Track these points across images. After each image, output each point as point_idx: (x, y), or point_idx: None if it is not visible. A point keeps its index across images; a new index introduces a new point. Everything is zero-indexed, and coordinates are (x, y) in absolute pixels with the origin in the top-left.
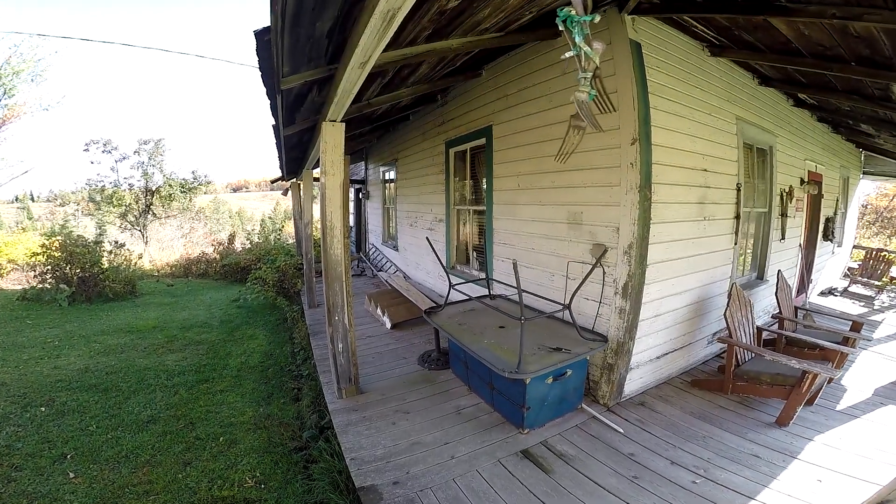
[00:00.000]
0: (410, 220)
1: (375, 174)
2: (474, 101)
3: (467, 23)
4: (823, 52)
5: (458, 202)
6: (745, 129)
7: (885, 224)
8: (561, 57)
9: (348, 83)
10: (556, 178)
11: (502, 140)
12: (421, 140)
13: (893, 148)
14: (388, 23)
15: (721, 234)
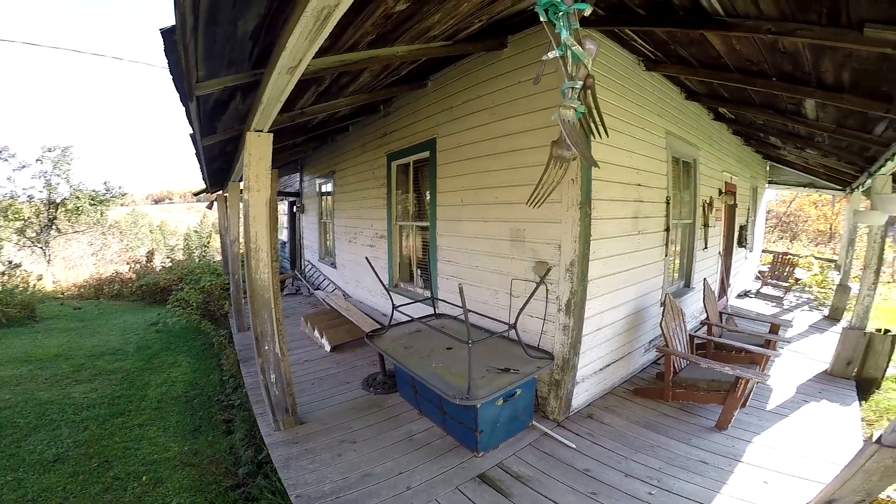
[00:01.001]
0: (349, 235)
1: (311, 186)
2: (418, 113)
3: (415, 29)
4: (749, 67)
5: (401, 217)
6: (673, 143)
7: (784, 228)
8: (542, 57)
9: (275, 90)
10: (499, 193)
11: (446, 154)
12: (361, 152)
13: (796, 159)
14: (322, 23)
15: (653, 246)
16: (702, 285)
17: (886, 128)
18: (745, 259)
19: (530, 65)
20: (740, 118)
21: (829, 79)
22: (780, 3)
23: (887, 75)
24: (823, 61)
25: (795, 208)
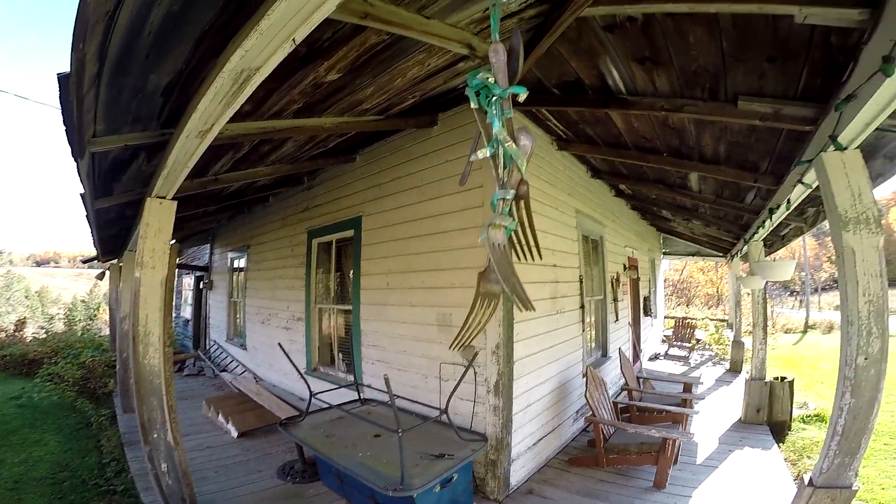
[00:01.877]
0: (262, 316)
1: (223, 261)
2: (345, 189)
3: (346, 101)
4: (645, 144)
5: (321, 300)
6: (583, 221)
7: (679, 294)
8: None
9: (183, 154)
10: (426, 277)
11: (372, 233)
12: (280, 226)
13: (684, 230)
14: (241, 87)
15: (571, 323)
16: (617, 354)
17: (755, 196)
18: (651, 326)
19: (460, 142)
20: (637, 194)
21: (708, 152)
22: (672, 80)
23: (754, 146)
24: (704, 136)
25: (686, 276)
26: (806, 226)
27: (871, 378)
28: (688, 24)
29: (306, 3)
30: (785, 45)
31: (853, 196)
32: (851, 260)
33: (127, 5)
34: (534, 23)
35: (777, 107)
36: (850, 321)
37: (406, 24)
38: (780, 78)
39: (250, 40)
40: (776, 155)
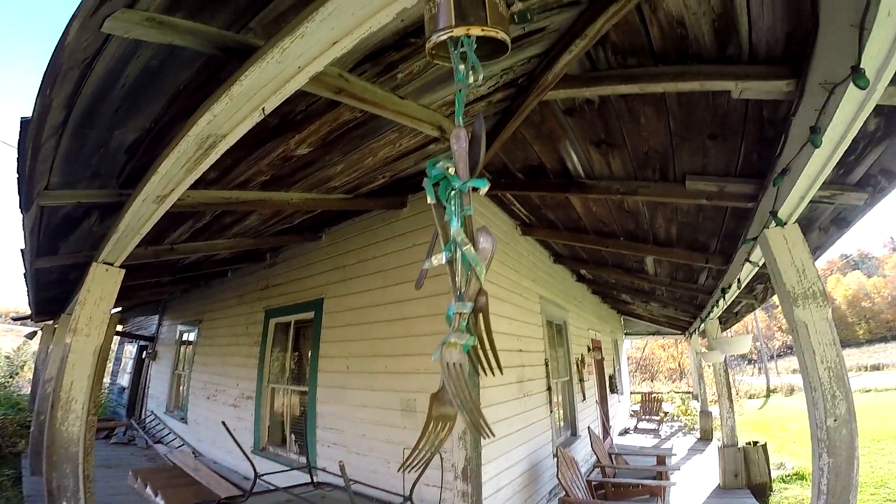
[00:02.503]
0: (209, 391)
1: (171, 333)
2: (308, 268)
3: (315, 177)
4: (603, 228)
5: (275, 380)
6: (546, 307)
7: (643, 371)
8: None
9: (136, 219)
10: (389, 362)
11: (334, 316)
12: (237, 303)
13: (643, 311)
14: (205, 152)
15: (539, 405)
16: (587, 433)
17: (707, 277)
18: (618, 402)
19: (429, 226)
20: (597, 278)
21: (661, 234)
22: (626, 162)
23: (703, 226)
24: (657, 218)
25: (649, 353)
26: (757, 302)
27: (844, 437)
28: (639, 104)
29: (280, 72)
30: (724, 122)
31: (798, 272)
32: (805, 332)
33: (106, 55)
34: (501, 106)
35: (721, 184)
36: (812, 387)
37: (380, 102)
38: (721, 155)
39: (220, 105)
40: (723, 233)
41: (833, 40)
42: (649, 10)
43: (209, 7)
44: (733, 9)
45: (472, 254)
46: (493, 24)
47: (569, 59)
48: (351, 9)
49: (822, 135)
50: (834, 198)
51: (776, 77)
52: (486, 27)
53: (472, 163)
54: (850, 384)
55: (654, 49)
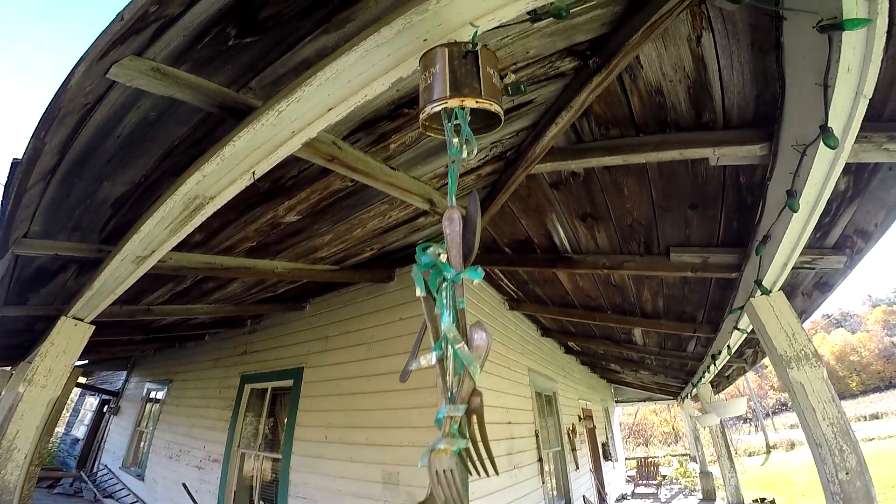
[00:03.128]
0: (172, 451)
1: (138, 390)
2: (289, 337)
3: (302, 246)
4: (590, 302)
5: (246, 444)
6: (535, 379)
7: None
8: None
9: (112, 279)
10: (370, 434)
11: (314, 386)
12: (212, 367)
13: (633, 379)
14: (191, 213)
15: (530, 477)
16: (582, 501)
17: (696, 345)
18: (613, 468)
19: (416, 301)
20: (586, 350)
21: (648, 307)
22: (612, 235)
23: (689, 297)
24: (644, 291)
25: (641, 418)
26: (747, 365)
27: (859, 489)
28: (622, 176)
29: (273, 135)
30: (703, 191)
31: (788, 337)
32: (803, 392)
33: (108, 102)
34: (490, 179)
35: (704, 256)
36: (818, 443)
37: (371, 173)
38: (703, 225)
39: (211, 165)
40: (710, 304)
41: (800, 101)
42: (629, 80)
43: (215, 62)
44: (706, 74)
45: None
46: (487, 97)
47: (555, 132)
48: (348, 75)
49: (799, 198)
50: (815, 262)
51: (750, 141)
52: (480, 99)
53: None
54: (855, 437)
55: (634, 119)
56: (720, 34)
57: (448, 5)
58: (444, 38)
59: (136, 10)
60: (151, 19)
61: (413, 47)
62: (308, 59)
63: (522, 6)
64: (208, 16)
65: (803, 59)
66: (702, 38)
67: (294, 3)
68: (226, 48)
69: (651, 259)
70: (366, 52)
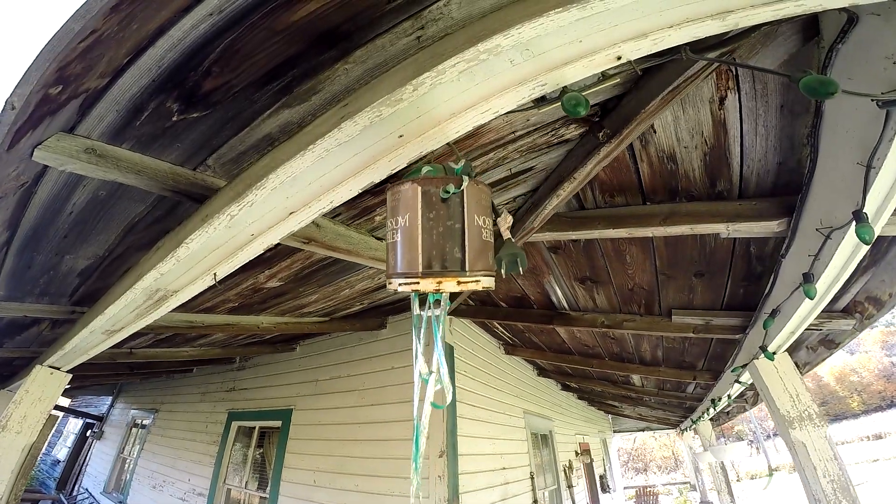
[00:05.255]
0: (156, 481)
1: (123, 416)
2: (279, 377)
3: (287, 305)
4: (587, 350)
5: (232, 481)
6: (531, 420)
7: (636, 461)
8: None
9: (85, 343)
10: (360, 482)
11: (303, 429)
12: (199, 400)
13: (632, 413)
14: (156, 303)
15: None
16: None
17: (695, 387)
18: (611, 500)
19: (409, 350)
20: (583, 388)
21: (647, 357)
22: (611, 297)
23: (689, 350)
24: (643, 344)
25: (640, 444)
26: (748, 405)
27: None
28: (625, 244)
29: (230, 238)
30: (711, 260)
31: (792, 398)
32: (804, 451)
33: (48, 181)
34: None
35: (707, 318)
36: (817, 499)
37: (354, 250)
38: (708, 293)
39: (166, 264)
40: (710, 355)
41: (833, 177)
42: (640, 146)
43: (160, 140)
44: (726, 139)
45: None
46: (473, 270)
47: (556, 203)
48: (307, 178)
49: (816, 282)
50: (822, 325)
51: (767, 217)
52: (463, 278)
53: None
54: (856, 493)
55: (643, 186)
56: (747, 95)
57: (428, 94)
58: (425, 133)
59: (27, 97)
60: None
61: (386, 144)
62: (270, 134)
63: (526, 93)
64: (140, 88)
65: (846, 133)
66: (726, 99)
67: (243, 74)
68: (171, 124)
69: (652, 320)
70: (325, 153)
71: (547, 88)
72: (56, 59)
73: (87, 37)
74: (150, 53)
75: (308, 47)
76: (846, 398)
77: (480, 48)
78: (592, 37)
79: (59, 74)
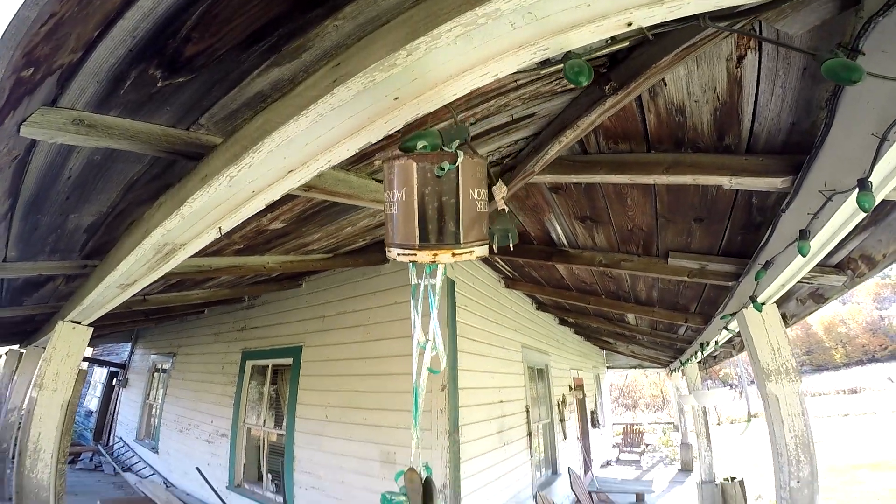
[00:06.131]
0: (182, 425)
1: (143, 362)
2: (287, 315)
3: (291, 244)
4: (585, 287)
5: (251, 420)
6: (528, 354)
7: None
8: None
9: (101, 298)
10: (368, 415)
11: (313, 365)
12: (213, 341)
13: (625, 350)
14: (165, 256)
15: (519, 451)
16: (567, 472)
17: (686, 330)
18: (600, 435)
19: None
20: (580, 323)
21: (643, 297)
22: (610, 237)
23: (683, 292)
24: (639, 283)
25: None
26: (735, 351)
27: (805, 497)
28: (626, 188)
29: (232, 195)
30: (712, 208)
31: (773, 350)
32: (776, 405)
33: (41, 151)
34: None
35: (703, 263)
36: (779, 453)
37: (355, 193)
38: (706, 238)
39: (171, 222)
40: (703, 299)
41: (844, 145)
42: (648, 98)
43: (148, 105)
44: (740, 97)
45: None
46: (467, 242)
47: (558, 149)
48: (304, 139)
49: (811, 239)
50: (814, 279)
51: (772, 173)
52: (458, 250)
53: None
54: (814, 448)
55: (648, 135)
56: (768, 56)
57: (423, 59)
58: (421, 95)
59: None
60: (39, 76)
61: (382, 107)
62: (262, 92)
63: (527, 58)
64: (118, 59)
65: (867, 104)
66: (745, 58)
67: (225, 38)
68: (156, 90)
69: (649, 261)
70: (319, 117)
71: (550, 53)
72: (19, 46)
73: (48, 20)
74: (122, 25)
75: (292, 7)
76: (830, 349)
77: (479, 12)
78: (602, 1)
79: (27, 59)
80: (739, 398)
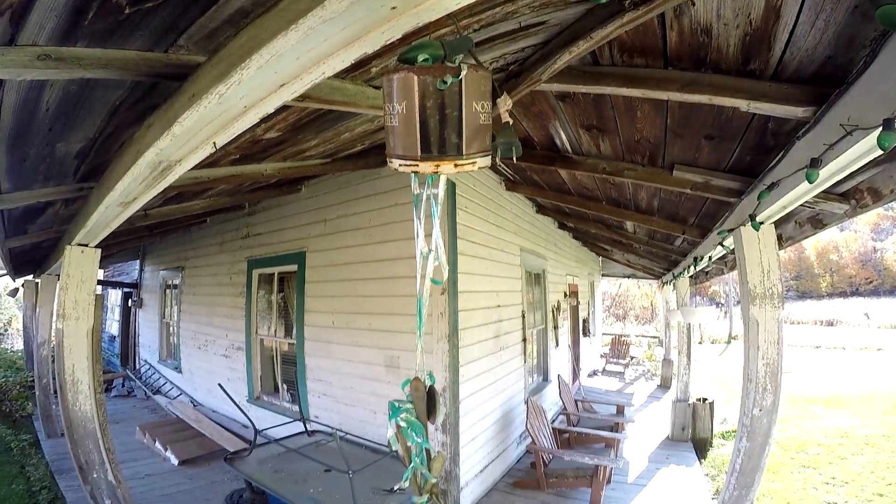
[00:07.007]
0: (199, 342)
1: (154, 280)
2: (289, 220)
3: (288, 151)
4: (586, 192)
5: (263, 331)
6: (526, 258)
7: (617, 307)
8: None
9: (105, 217)
10: (372, 320)
11: (317, 271)
12: (218, 251)
13: (621, 259)
14: (162, 173)
15: (514, 357)
16: (557, 379)
17: (682, 241)
18: (590, 344)
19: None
20: (579, 228)
21: (643, 205)
22: (616, 146)
23: (684, 203)
24: (641, 192)
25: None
26: (726, 269)
27: (763, 426)
28: (637, 101)
29: (223, 111)
30: (725, 127)
31: (763, 272)
32: (755, 329)
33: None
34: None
35: (708, 177)
36: (749, 378)
37: (351, 101)
38: (714, 153)
39: (163, 141)
40: (702, 213)
41: (877, 83)
42: (673, 15)
43: (118, 32)
44: (776, 26)
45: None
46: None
47: (568, 59)
48: (295, 53)
49: (821, 168)
50: (816, 204)
51: (794, 101)
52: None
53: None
54: (781, 379)
55: (667, 51)
56: None
57: None
58: (422, 4)
59: None
60: None
61: (378, 17)
62: (243, 8)
63: None
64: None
65: None
66: None
67: None
68: (124, 17)
69: (653, 171)
70: (310, 30)
71: None
72: None
73: None
74: None
75: None
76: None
77: None
78: None
79: None
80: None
